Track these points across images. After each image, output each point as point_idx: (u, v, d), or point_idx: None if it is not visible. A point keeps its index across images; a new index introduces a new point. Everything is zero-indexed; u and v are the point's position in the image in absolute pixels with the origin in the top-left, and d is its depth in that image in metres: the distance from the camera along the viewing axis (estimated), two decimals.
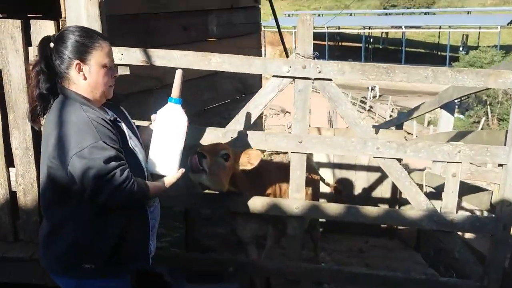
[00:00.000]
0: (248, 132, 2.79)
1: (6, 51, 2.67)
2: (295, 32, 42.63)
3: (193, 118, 2.63)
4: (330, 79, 2.72)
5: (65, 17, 2.73)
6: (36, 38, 2.66)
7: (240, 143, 2.79)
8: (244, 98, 4.46)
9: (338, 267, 3.05)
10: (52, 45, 1.83)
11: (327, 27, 42.48)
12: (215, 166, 2.56)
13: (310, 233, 3.97)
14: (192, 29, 3.95)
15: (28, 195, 2.84)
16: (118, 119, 1.93)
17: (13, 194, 2.88)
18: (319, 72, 2.67)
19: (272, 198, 2.89)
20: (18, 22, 2.65)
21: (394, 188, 5.73)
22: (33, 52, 2.66)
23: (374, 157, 2.80)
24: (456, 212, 2.79)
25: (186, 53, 2.71)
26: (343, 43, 50.24)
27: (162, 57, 2.70)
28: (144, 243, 2.01)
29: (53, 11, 2.97)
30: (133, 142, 1.95)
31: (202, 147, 2.63)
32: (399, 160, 3.19)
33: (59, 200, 1.85)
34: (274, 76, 2.74)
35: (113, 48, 2.65)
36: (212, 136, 2.80)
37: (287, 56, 6.62)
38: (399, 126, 7.05)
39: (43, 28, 2.65)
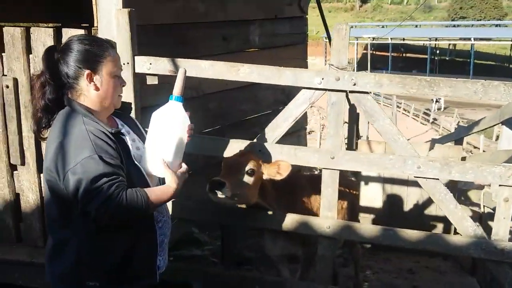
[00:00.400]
0: (276, 146, 2.65)
1: (38, 59, 2.70)
2: (357, 43, 42.03)
3: (231, 129, 2.55)
4: (367, 92, 2.52)
5: (96, 26, 2.74)
6: None
7: (268, 157, 2.65)
8: None
9: None
10: (57, 55, 1.78)
11: (391, 38, 41.51)
12: (237, 187, 2.36)
13: (350, 251, 3.75)
14: (232, 39, 3.87)
15: None
16: (122, 131, 1.86)
17: (43, 199, 2.90)
18: (354, 85, 2.48)
19: (301, 216, 2.71)
20: (50, 31, 2.68)
21: None
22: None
23: (415, 177, 2.56)
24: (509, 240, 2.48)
25: (214, 63, 2.62)
26: (408, 55, 48.80)
27: (191, 67, 2.61)
28: (151, 260, 1.91)
29: (86, 20, 2.98)
30: (139, 153, 1.88)
31: (225, 160, 2.51)
32: None
33: (61, 215, 1.78)
34: (305, 88, 2.58)
35: (141, 57, 2.66)
36: (238, 148, 2.68)
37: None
38: (459, 141, 6.61)
39: None
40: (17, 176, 2.91)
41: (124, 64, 2.63)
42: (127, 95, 2.64)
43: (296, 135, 4.84)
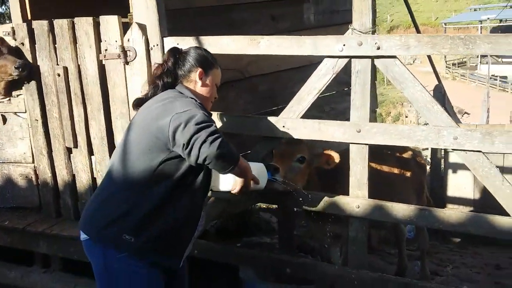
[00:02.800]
0: (299, 120, 2.53)
1: (82, 47, 2.90)
2: (481, 27, 38.37)
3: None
4: (394, 56, 2.29)
5: (131, 13, 2.86)
6: (105, 33, 2.83)
7: (293, 132, 2.54)
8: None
9: (409, 281, 2.54)
10: (178, 54, 2.16)
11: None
12: (289, 173, 2.52)
13: (394, 234, 3.46)
14: (283, 19, 3.76)
15: None
16: None
17: (94, 180, 3.12)
18: (378, 49, 2.27)
19: (330, 195, 2.56)
20: (90, 20, 2.85)
21: None
22: (103, 46, 2.84)
23: (452, 150, 2.26)
24: None
25: (235, 38, 2.57)
26: None
27: (213, 44, 2.60)
28: (185, 245, 2.05)
29: (122, 9, 3.12)
30: None
31: (280, 149, 2.59)
32: None
33: (139, 171, 1.92)
34: (327, 56, 2.42)
35: (169, 38, 2.72)
36: (264, 125, 2.61)
37: (435, 72, 5.89)
38: None
39: (110, 23, 2.80)
40: (72, 158, 3.15)
41: (154, 46, 2.72)
42: None
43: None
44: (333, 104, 4.23)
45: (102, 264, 1.96)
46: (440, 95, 5.23)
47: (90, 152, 3.08)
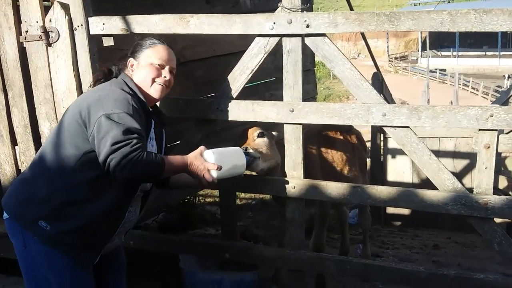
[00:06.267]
0: (233, 101, 2.48)
1: (1, 29, 2.71)
2: None
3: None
4: (323, 34, 2.28)
5: None
6: (25, 13, 2.64)
7: (226, 114, 2.48)
8: None
9: (345, 258, 2.56)
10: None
11: None
12: (259, 149, 2.48)
13: (337, 213, 3.53)
14: (218, 2, 3.69)
15: None
16: (153, 117, 2.04)
17: (18, 173, 2.93)
18: (308, 27, 2.25)
19: (266, 177, 2.53)
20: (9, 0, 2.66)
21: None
22: (24, 28, 2.67)
23: (381, 127, 2.29)
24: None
25: (164, 17, 2.48)
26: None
27: (141, 23, 2.51)
28: (105, 239, 1.96)
29: None
30: (151, 143, 2.03)
31: (237, 137, 2.57)
32: None
33: (64, 160, 1.85)
34: (258, 35, 2.38)
35: (94, 18, 2.57)
36: (197, 107, 2.54)
37: (374, 61, 6.01)
38: None
39: (30, 3, 2.62)
40: None
41: (78, 26, 2.58)
42: (85, 59, 2.59)
43: None
44: (273, 90, 4.21)
45: (21, 243, 1.90)
46: (378, 82, 5.35)
47: (14, 142, 2.89)
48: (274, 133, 2.59)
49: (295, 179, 2.44)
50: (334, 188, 2.38)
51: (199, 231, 5.07)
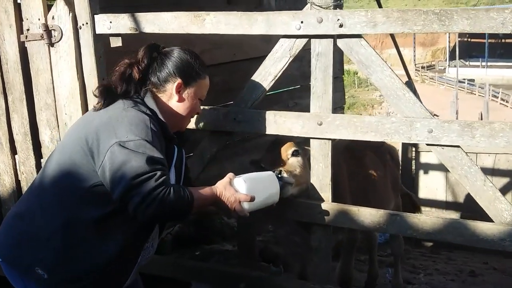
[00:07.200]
0: (252, 111, 2.17)
1: (1, 27, 2.47)
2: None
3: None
4: (359, 35, 1.95)
5: None
6: (26, 10, 2.41)
7: (244, 125, 2.18)
8: None
9: None
10: (156, 54, 1.77)
11: None
12: (292, 170, 2.14)
13: (366, 238, 3.18)
14: (240, 2, 3.41)
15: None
16: (176, 142, 1.77)
17: (18, 183, 2.68)
18: (341, 26, 1.93)
19: (292, 199, 2.21)
20: None
21: None
22: (25, 26, 2.43)
23: (427, 145, 1.95)
24: None
25: (177, 15, 2.19)
26: (507, 40, 44.36)
27: (151, 21, 2.23)
28: (115, 285, 1.67)
29: None
30: (171, 170, 1.72)
31: (267, 155, 2.25)
32: None
33: (67, 193, 1.58)
34: (283, 37, 2.07)
35: (100, 15, 2.32)
36: (212, 117, 2.24)
37: (405, 69, 5.62)
38: None
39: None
40: None
41: (83, 25, 2.32)
42: (90, 61, 2.32)
43: None
44: (297, 99, 3.90)
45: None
46: (411, 91, 4.97)
47: (13, 151, 2.65)
48: (307, 148, 2.21)
49: (323, 203, 2.11)
50: (367, 215, 2.05)
51: (216, 246, 4.77)
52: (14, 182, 2.68)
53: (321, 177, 2.11)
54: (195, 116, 2.05)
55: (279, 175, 2.00)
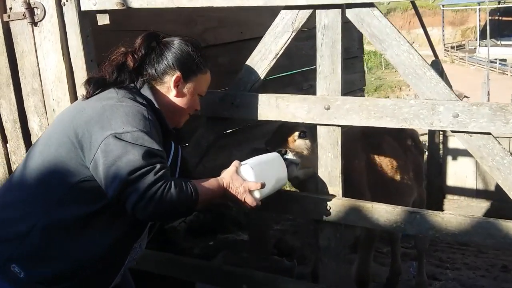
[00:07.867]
0: (252, 94, 1.93)
1: None
2: (479, 9, 37.68)
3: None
4: (370, 4, 1.68)
5: None
6: None
7: (243, 110, 1.94)
8: None
9: None
10: (155, 43, 1.63)
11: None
12: (298, 151, 2.00)
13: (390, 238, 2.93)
14: None
15: None
16: (174, 138, 1.64)
17: (11, 173, 2.52)
18: None
19: (297, 192, 1.99)
20: None
21: None
22: (8, 4, 2.23)
23: (452, 132, 1.68)
24: None
25: None
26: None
27: None
28: (104, 283, 1.54)
29: None
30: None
31: (274, 135, 2.09)
32: None
33: (51, 187, 1.43)
34: (284, 8, 1.81)
35: None
36: (207, 101, 2.01)
37: (432, 49, 5.22)
38: None
39: None
40: None
41: (66, 0, 2.11)
42: (76, 41, 2.12)
43: None
44: (312, 81, 3.61)
45: None
46: (438, 71, 4.61)
47: (4, 139, 2.49)
48: None
49: (331, 198, 1.87)
50: (383, 213, 1.79)
51: (230, 235, 4.60)
52: (7, 172, 2.53)
53: (330, 168, 1.86)
54: None
55: (284, 155, 1.84)
